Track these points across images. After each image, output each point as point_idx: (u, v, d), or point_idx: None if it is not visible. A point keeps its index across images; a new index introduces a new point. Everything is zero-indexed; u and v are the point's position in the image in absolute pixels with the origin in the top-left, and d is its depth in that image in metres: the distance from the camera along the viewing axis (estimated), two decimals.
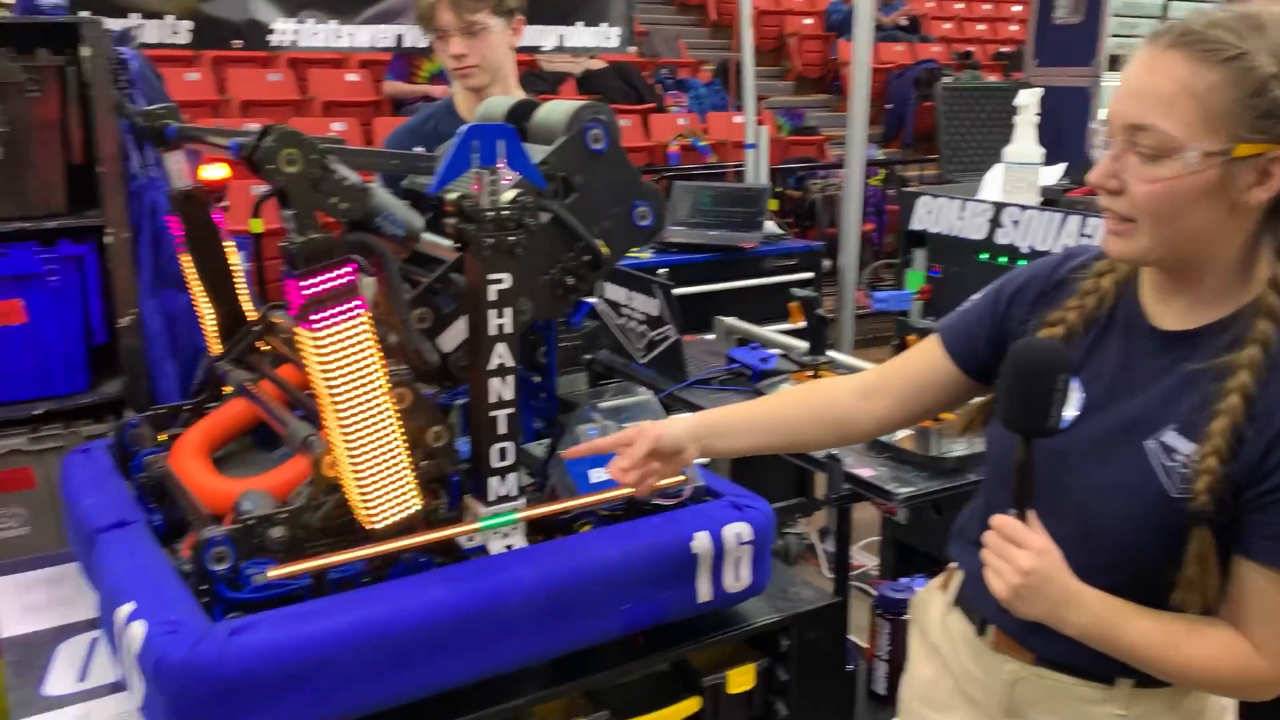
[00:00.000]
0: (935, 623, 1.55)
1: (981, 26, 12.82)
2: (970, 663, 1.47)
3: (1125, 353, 1.28)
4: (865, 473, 2.07)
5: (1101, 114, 1.27)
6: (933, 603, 1.57)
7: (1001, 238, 3.06)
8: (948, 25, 12.55)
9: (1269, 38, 1.13)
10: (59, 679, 1.56)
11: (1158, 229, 1.18)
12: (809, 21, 11.37)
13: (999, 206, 3.08)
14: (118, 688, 1.52)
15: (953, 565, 1.55)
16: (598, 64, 8.60)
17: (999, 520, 1.23)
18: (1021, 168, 3.03)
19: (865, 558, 3.85)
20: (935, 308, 3.16)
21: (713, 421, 1.53)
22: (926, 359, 1.48)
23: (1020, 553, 1.20)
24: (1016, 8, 13.27)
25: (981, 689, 1.46)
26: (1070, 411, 1.27)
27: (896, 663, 2.29)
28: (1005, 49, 12.01)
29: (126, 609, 1.35)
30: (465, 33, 2.35)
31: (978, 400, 1.47)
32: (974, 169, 5.34)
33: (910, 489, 2.00)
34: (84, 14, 2.71)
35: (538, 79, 8.20)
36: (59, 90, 2.40)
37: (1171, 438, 1.22)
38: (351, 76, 7.56)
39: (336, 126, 6.67)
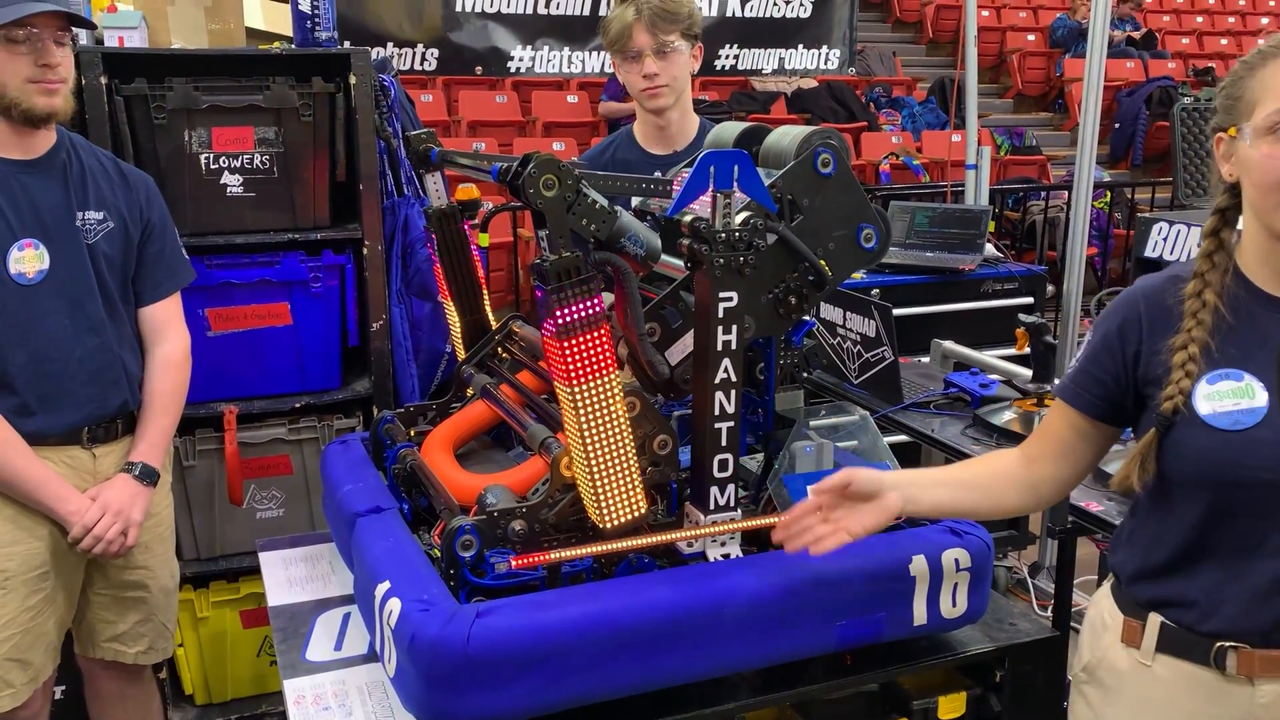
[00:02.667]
0: (1132, 678, 1.50)
1: (1224, 41, 11.97)
2: (1204, 703, 1.43)
3: (1268, 336, 1.35)
4: (1093, 507, 2.00)
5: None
6: (1117, 658, 1.52)
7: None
8: (1185, 40, 11.80)
9: None
10: (319, 647, 1.74)
11: None
12: (1032, 38, 10.96)
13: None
14: (369, 658, 1.67)
15: (1124, 617, 1.51)
16: (809, 83, 8.61)
17: None
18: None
19: (1079, 596, 3.68)
20: None
21: (925, 472, 1.60)
22: (1060, 420, 1.54)
23: None
24: (1265, 20, 12.35)
25: None
26: (1259, 402, 1.36)
27: None
28: None
29: (383, 587, 1.49)
30: (658, 54, 2.44)
31: (1134, 450, 1.45)
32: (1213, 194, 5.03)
33: None
34: (347, 44, 2.97)
35: (749, 99, 8.27)
36: (329, 114, 2.66)
37: None
38: (571, 98, 7.89)
39: (556, 146, 6.98)
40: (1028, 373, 2.53)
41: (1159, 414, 1.41)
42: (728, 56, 5.56)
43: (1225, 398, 1.38)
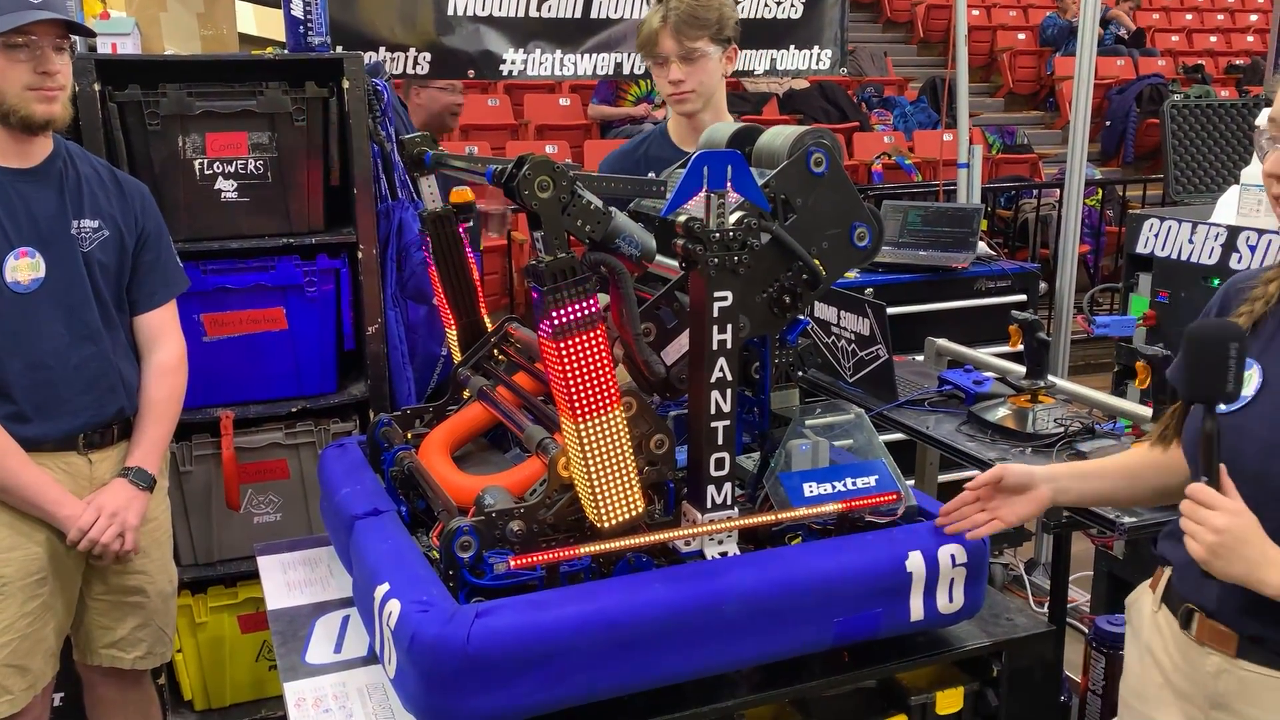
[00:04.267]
0: (1147, 620, 1.60)
1: (1214, 38, 12.02)
2: (1178, 657, 1.51)
3: None
4: None
5: (1262, 118, 1.43)
6: (1144, 601, 1.63)
7: (1236, 263, 2.90)
8: (1175, 38, 11.84)
9: None
10: (318, 649, 1.74)
11: None
12: (1022, 37, 11.00)
13: (1235, 230, 2.93)
14: (369, 660, 1.68)
15: (1158, 565, 1.60)
16: (801, 83, 8.62)
17: (1193, 488, 1.34)
18: (1262, 190, 2.86)
19: (1076, 592, 3.70)
20: (1161, 334, 3.02)
21: (1072, 465, 1.66)
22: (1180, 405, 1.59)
23: (1213, 513, 1.31)
24: (1254, 17, 12.40)
25: (1189, 682, 1.50)
26: (1247, 390, 1.41)
27: (1110, 698, 2.22)
28: (1239, 61, 11.23)
29: (383, 588, 1.49)
30: (684, 59, 2.44)
31: (1168, 409, 1.57)
32: (1204, 190, 5.05)
33: (1134, 519, 1.93)
34: (340, 48, 2.98)
35: (741, 100, 8.29)
36: (322, 119, 2.67)
37: None
38: (564, 101, 7.90)
39: (549, 149, 6.99)
40: (1021, 369, 2.54)
41: None
42: None
43: None
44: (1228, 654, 1.44)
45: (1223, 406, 1.40)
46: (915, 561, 1.59)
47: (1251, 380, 1.43)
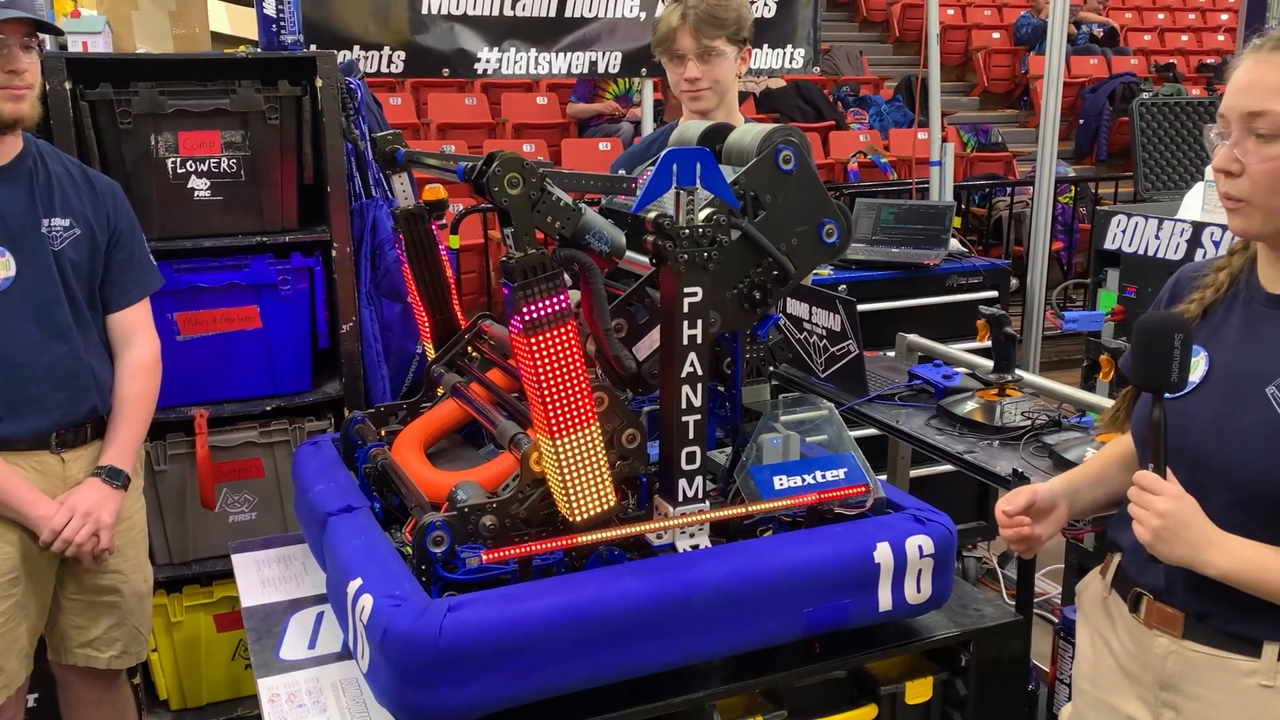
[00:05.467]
0: (1098, 605, 1.64)
1: (1185, 37, 12.16)
2: (1128, 640, 1.56)
3: (1246, 321, 1.46)
4: None
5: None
6: (1095, 586, 1.67)
7: (1201, 258, 2.94)
8: (1147, 37, 11.96)
9: None
10: (292, 645, 1.74)
11: (1270, 202, 1.37)
12: (997, 36, 11.08)
13: (1199, 226, 2.97)
14: (343, 656, 1.68)
15: (1108, 552, 1.64)
16: (777, 83, 8.66)
17: (1139, 475, 1.40)
18: None
19: (1047, 585, 3.75)
20: (1129, 329, 3.05)
21: (1073, 478, 1.69)
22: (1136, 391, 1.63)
23: (1156, 498, 1.36)
24: (1224, 16, 12.54)
25: (1139, 664, 1.54)
26: (1194, 376, 1.46)
27: None
28: (1210, 60, 11.36)
29: (355, 584, 1.50)
30: (701, 58, 2.46)
31: (1120, 393, 1.62)
32: (1173, 187, 5.11)
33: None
34: (313, 47, 2.98)
35: None
36: (295, 118, 2.67)
37: None
38: (541, 100, 7.89)
39: (526, 148, 6.98)
40: (990, 364, 2.57)
41: None
42: None
43: None
44: (1174, 635, 1.48)
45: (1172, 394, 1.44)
46: (883, 552, 1.61)
47: (1198, 366, 1.47)
